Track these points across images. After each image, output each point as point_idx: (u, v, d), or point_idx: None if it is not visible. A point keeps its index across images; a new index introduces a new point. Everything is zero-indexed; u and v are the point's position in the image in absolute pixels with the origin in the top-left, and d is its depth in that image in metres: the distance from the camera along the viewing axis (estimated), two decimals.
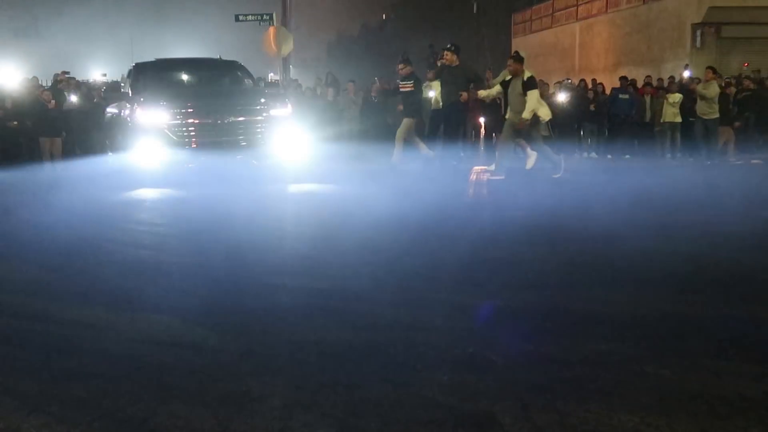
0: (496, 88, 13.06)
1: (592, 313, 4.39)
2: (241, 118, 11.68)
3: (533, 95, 12.18)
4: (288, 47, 24.68)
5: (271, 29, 24.40)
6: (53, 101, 15.89)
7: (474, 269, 5.68)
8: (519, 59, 12.70)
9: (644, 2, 28.16)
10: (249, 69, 14.25)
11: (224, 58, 15.84)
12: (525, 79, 12.25)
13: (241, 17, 26.25)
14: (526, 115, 12.08)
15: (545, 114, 12.67)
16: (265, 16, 25.45)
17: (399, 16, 59.93)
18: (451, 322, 4.23)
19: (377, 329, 4.10)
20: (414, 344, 3.75)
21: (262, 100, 12.26)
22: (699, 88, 16.32)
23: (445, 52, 13.42)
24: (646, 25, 27.97)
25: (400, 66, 14.33)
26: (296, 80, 25.12)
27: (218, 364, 3.55)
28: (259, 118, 11.81)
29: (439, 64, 14.55)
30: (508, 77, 12.61)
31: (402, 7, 59.57)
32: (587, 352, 3.63)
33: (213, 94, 12.53)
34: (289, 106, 12.55)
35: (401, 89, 14.29)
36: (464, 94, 13.37)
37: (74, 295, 5.04)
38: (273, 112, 11.97)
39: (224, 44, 42.22)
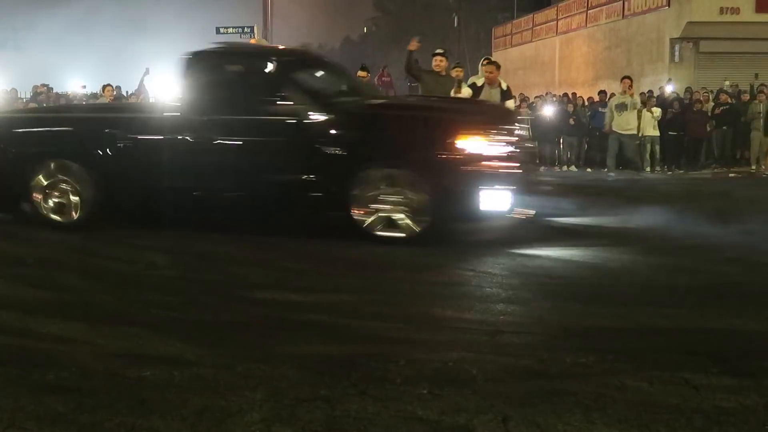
0: (467, 91, 12.67)
1: (571, 326, 4.41)
2: None
3: (510, 105, 12.13)
4: None
5: (252, 42, 24.40)
6: None
7: (455, 282, 5.69)
8: (499, 67, 12.58)
9: (623, 17, 28.41)
10: None
11: None
12: (504, 88, 12.09)
13: (222, 29, 26.28)
14: None
15: None
16: (246, 29, 25.50)
17: (380, 29, 60.10)
18: (431, 335, 4.24)
19: (357, 342, 4.09)
20: (394, 357, 3.75)
21: None
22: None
23: (440, 58, 12.80)
24: (625, 39, 28.21)
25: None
26: None
27: (196, 378, 3.52)
28: None
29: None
30: (480, 83, 12.21)
31: (383, 20, 59.75)
32: (566, 366, 3.64)
33: None
34: None
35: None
36: None
37: (50, 308, 4.99)
38: None
39: None
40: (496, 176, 6.96)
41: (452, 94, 11.57)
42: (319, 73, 8.81)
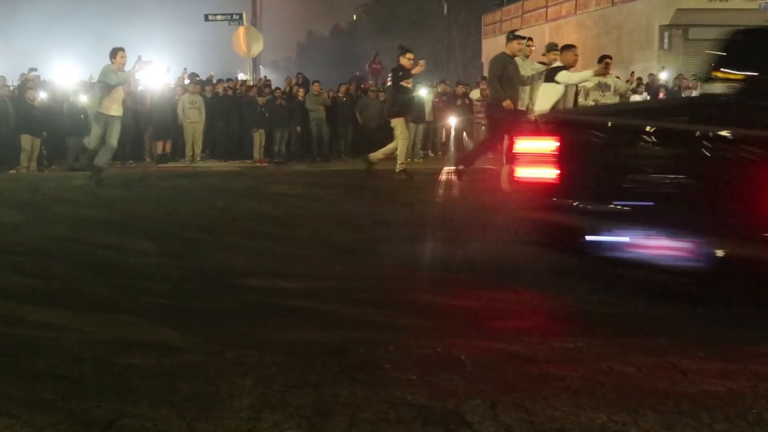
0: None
1: (559, 311, 4.42)
2: None
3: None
4: (258, 47, 24.61)
5: (241, 29, 24.33)
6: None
7: (446, 269, 5.69)
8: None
9: (613, 4, 28.42)
10: (218, 69, 14.18)
11: (193, 56, 15.74)
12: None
13: (210, 17, 26.15)
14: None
15: None
16: (234, 16, 25.38)
17: (369, 16, 59.93)
18: (421, 321, 4.24)
19: (346, 329, 4.10)
20: (383, 343, 3.75)
21: None
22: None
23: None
24: (614, 26, 28.22)
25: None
26: (265, 78, 25.01)
27: (185, 365, 3.52)
28: None
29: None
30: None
31: (372, 7, 59.56)
32: (555, 351, 3.65)
33: None
34: None
35: None
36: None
37: (39, 296, 4.99)
38: None
39: (193, 44, 42.00)
40: None
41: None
42: None
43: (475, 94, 20.47)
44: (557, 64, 11.38)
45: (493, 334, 3.95)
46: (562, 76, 10.91)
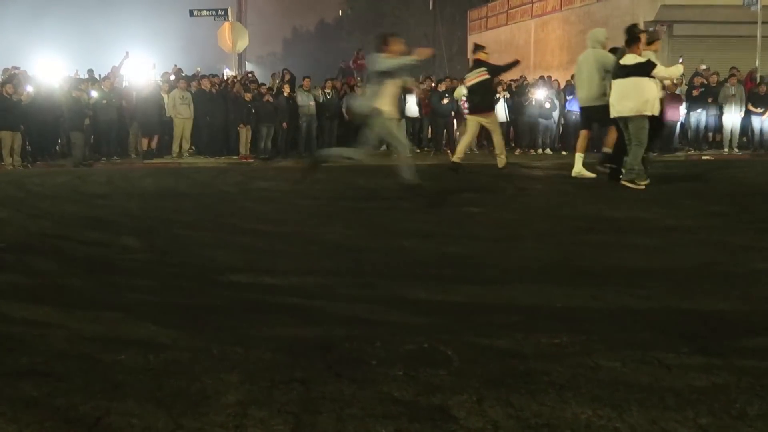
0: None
1: (546, 307, 4.43)
2: None
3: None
4: (243, 43, 24.57)
5: (226, 24, 24.28)
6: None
7: (432, 265, 5.71)
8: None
9: (598, 0, 28.49)
10: (203, 64, 14.17)
11: (178, 52, 15.86)
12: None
13: (195, 12, 26.08)
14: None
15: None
16: (220, 12, 25.32)
17: (355, 11, 59.86)
18: (407, 317, 4.25)
19: (332, 325, 4.10)
20: (369, 339, 3.76)
21: None
22: None
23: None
24: (599, 22, 28.26)
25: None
26: (252, 73, 24.94)
27: (171, 362, 3.52)
28: None
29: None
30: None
31: (357, 3, 59.50)
32: (541, 346, 3.67)
33: None
34: None
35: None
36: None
37: (23, 292, 4.97)
38: None
39: (178, 39, 41.86)
40: None
41: None
42: None
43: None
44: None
45: (479, 329, 3.95)
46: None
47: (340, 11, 64.17)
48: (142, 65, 23.63)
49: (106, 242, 6.80)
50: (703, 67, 22.04)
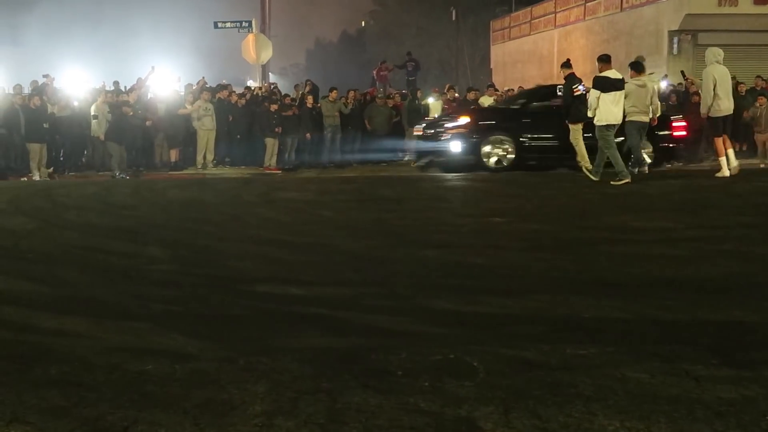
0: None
1: (572, 318, 4.41)
2: None
3: (591, 94, 12.69)
4: (267, 54, 24.70)
5: (250, 36, 24.42)
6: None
7: (457, 276, 5.70)
8: (602, 59, 13.20)
9: (622, 9, 28.39)
10: (227, 75, 14.32)
11: (203, 64, 16.12)
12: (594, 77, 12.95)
13: (220, 24, 26.27)
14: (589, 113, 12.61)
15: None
16: (244, 23, 25.48)
17: (377, 23, 60.00)
18: (432, 328, 4.24)
19: (357, 335, 4.10)
20: (395, 350, 3.75)
21: None
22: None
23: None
24: (623, 32, 28.20)
25: (561, 69, 14.51)
26: (275, 84, 25.06)
27: (198, 372, 3.53)
28: None
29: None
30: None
31: (380, 14, 59.64)
32: (567, 357, 3.65)
33: None
34: None
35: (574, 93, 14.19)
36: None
37: (51, 303, 5.01)
38: None
39: (203, 51, 42.12)
40: None
41: None
42: None
43: (486, 100, 20.49)
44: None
45: (504, 340, 3.94)
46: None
47: (363, 22, 64.34)
48: (166, 77, 23.83)
49: (133, 253, 6.84)
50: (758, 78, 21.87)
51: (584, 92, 13.87)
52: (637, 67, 13.59)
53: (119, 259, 6.55)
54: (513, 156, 15.86)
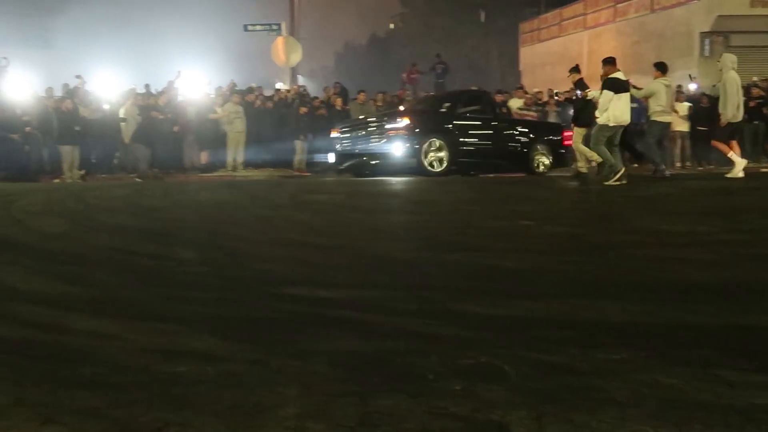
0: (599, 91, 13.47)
1: (601, 322, 4.38)
2: None
3: (604, 96, 12.67)
4: (297, 57, 24.80)
5: (280, 39, 24.54)
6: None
7: (485, 279, 5.68)
8: (606, 62, 13.28)
9: (652, 11, 28.20)
10: (257, 78, 14.45)
11: (232, 66, 16.37)
12: (605, 79, 12.86)
13: (249, 27, 26.44)
14: (597, 113, 12.61)
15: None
16: (273, 26, 25.61)
17: (406, 25, 59.98)
18: (461, 331, 4.23)
19: (386, 338, 4.10)
20: (424, 353, 3.75)
21: None
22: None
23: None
24: (654, 33, 28.01)
25: (569, 75, 14.73)
26: (304, 87, 25.15)
27: (229, 374, 3.55)
28: None
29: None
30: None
31: (409, 16, 59.63)
32: (598, 362, 3.62)
33: None
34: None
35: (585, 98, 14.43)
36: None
37: (82, 304, 5.05)
38: None
39: (232, 53, 42.37)
40: None
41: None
42: None
43: (515, 102, 20.45)
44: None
45: (534, 344, 3.92)
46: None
47: (391, 25, 64.34)
48: (195, 80, 23.99)
49: (164, 254, 6.89)
50: (755, 78, 21.70)
51: (580, 97, 14.03)
52: (662, 67, 13.68)
53: (149, 261, 6.59)
54: (447, 160, 16.28)
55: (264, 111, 19.30)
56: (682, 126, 18.71)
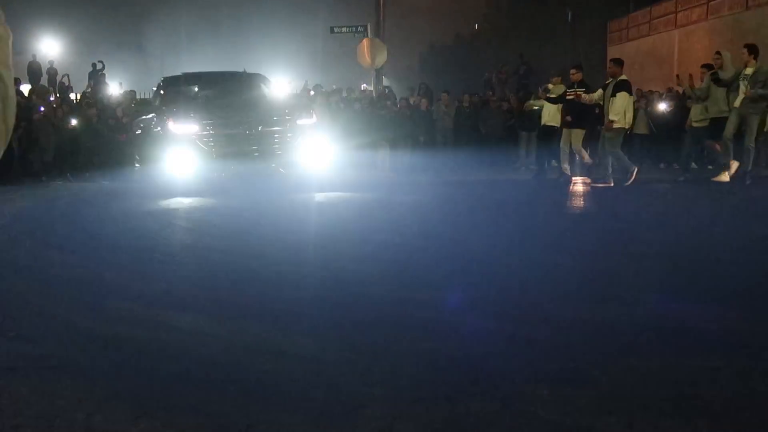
0: (599, 92, 13.10)
1: (695, 328, 4.27)
2: (268, 128, 12.13)
3: (621, 98, 12.32)
4: (382, 58, 24.89)
5: (365, 41, 24.66)
6: None
7: (575, 281, 5.60)
8: (617, 62, 12.98)
9: (747, 8, 27.37)
10: (343, 79, 14.55)
11: (318, 68, 16.49)
12: (617, 80, 12.45)
13: (336, 29, 26.63)
14: (612, 116, 12.23)
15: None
16: (359, 28, 25.74)
17: (492, 25, 59.62)
18: (552, 335, 4.18)
19: (476, 341, 4.08)
20: (514, 357, 3.72)
21: (287, 111, 12.81)
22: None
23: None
24: (749, 31, 27.16)
25: (572, 71, 14.30)
26: (389, 87, 25.20)
27: (318, 373, 3.59)
28: (285, 128, 12.26)
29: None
30: (608, 81, 12.91)
31: (494, 16, 59.25)
32: (692, 369, 3.54)
33: (239, 106, 13.06)
34: (314, 115, 12.94)
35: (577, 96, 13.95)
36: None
37: (175, 301, 5.17)
38: (299, 122, 12.46)
39: (319, 55, 42.79)
40: None
41: None
42: None
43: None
44: None
45: (626, 350, 3.85)
46: None
47: (476, 25, 64.04)
48: (280, 83, 24.31)
49: (251, 254, 6.98)
50: None
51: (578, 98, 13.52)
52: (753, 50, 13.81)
53: (243, 260, 6.68)
54: None
55: (349, 112, 19.46)
56: None
